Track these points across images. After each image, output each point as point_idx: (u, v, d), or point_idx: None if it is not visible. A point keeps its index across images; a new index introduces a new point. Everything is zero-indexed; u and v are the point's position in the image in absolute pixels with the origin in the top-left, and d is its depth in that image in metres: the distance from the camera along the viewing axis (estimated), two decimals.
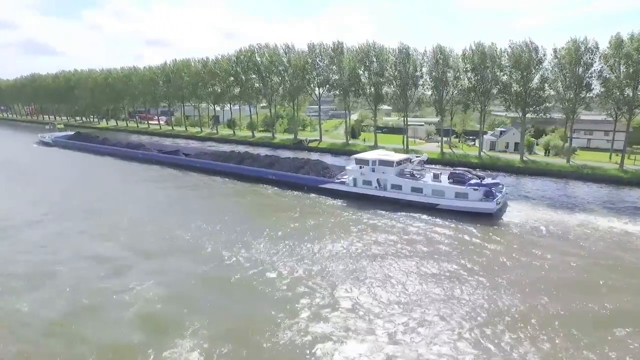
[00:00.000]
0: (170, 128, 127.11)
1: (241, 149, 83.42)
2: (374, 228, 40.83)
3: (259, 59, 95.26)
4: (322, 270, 31.63)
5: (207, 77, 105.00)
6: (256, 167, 62.71)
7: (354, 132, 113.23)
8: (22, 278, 30.41)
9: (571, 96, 61.92)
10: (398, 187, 48.11)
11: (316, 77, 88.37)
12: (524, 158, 71.43)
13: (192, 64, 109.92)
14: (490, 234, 39.47)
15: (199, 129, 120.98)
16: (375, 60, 78.38)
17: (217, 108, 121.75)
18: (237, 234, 38.87)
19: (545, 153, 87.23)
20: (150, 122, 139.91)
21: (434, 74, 71.43)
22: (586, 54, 59.05)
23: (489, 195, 43.94)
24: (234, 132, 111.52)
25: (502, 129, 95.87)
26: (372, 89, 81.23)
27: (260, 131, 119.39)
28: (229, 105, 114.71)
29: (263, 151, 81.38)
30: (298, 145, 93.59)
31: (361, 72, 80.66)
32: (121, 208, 48.10)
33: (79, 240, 38.41)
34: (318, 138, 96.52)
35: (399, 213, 44.80)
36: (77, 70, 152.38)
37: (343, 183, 52.20)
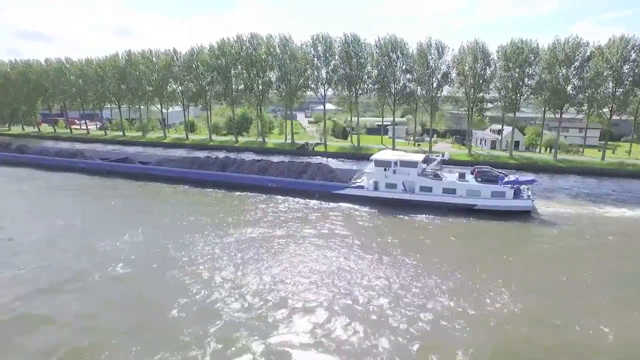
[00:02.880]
0: (102, 133, 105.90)
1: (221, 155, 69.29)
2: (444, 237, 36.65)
3: (251, 50, 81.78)
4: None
5: (181, 71, 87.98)
6: (246, 173, 53.69)
7: (344, 133, 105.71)
8: None
9: (617, 93, 62.37)
10: (428, 189, 44.50)
11: (329, 73, 78.38)
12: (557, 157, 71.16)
13: (154, 56, 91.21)
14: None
15: (159, 135, 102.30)
16: (401, 55, 71.73)
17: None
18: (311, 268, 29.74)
19: (544, 150, 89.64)
20: (72, 126, 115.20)
21: (472, 71, 67.21)
22: (634, 51, 59.74)
23: (517, 193, 43.24)
24: (210, 137, 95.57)
25: (499, 128, 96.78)
26: (396, 86, 74.52)
27: (223, 134, 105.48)
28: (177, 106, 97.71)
29: (250, 157, 69.33)
30: (301, 151, 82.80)
31: (385, 67, 73.24)
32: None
33: None
34: (320, 142, 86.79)
35: (438, 217, 41.51)
36: None
37: (361, 187, 46.98)
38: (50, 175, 61.80)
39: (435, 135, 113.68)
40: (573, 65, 62.41)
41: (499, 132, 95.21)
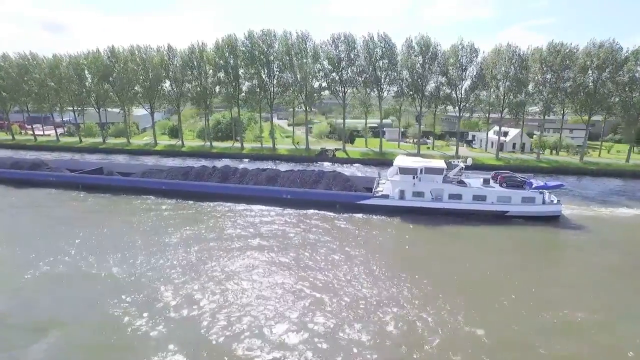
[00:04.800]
0: (76, 140, 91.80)
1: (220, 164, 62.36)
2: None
3: (264, 47, 74.68)
4: None
5: (179, 70, 78.53)
6: (252, 184, 48.66)
7: (351, 137, 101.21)
8: None
9: None
10: (457, 197, 43.24)
11: (353, 74, 73.63)
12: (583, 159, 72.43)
13: (144, 53, 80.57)
14: None
15: (146, 141, 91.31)
16: (434, 56, 69.01)
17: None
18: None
19: (551, 152, 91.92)
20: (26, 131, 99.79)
21: (507, 74, 66.23)
22: None
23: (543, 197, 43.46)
24: (210, 143, 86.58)
25: (504, 130, 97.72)
26: (425, 87, 71.76)
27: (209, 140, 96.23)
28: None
29: (253, 166, 62.79)
30: (320, 158, 77.27)
31: (419, 69, 70.09)
32: None
33: None
34: (340, 147, 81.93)
35: (471, 225, 40.58)
36: None
37: (386, 197, 44.21)
38: (10, 192, 50.85)
39: (432, 138, 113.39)
40: (607, 70, 63.38)
41: (505, 134, 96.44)
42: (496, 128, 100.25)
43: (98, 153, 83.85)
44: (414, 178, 43.51)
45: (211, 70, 78.64)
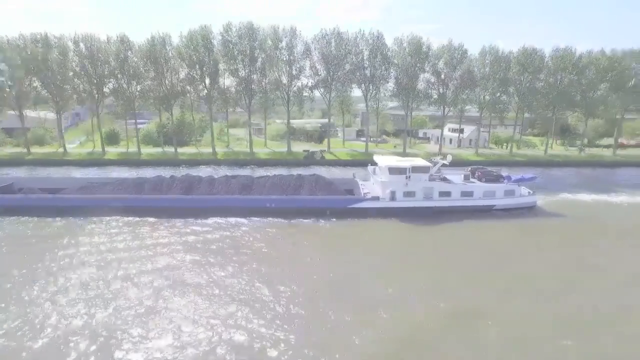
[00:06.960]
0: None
1: (190, 172, 53.66)
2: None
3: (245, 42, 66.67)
4: None
5: (139, 65, 65.77)
6: (222, 194, 43.16)
7: (320, 138, 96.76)
8: None
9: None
10: (447, 194, 43.56)
11: (353, 71, 70.13)
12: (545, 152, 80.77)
13: (91, 43, 65.63)
14: None
15: (88, 150, 74.99)
16: (429, 56, 69.52)
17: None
18: None
19: (502, 146, 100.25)
20: None
21: (497, 76, 70.09)
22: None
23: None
24: (175, 149, 74.72)
25: (461, 127, 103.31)
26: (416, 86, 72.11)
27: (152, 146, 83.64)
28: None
29: (230, 172, 57.66)
30: (309, 160, 72.37)
31: (411, 68, 69.70)
32: None
33: None
34: (325, 149, 77.77)
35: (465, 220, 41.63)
36: None
37: (377, 199, 42.83)
38: None
39: (384, 135, 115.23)
40: (574, 72, 71.25)
41: (462, 131, 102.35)
42: (449, 125, 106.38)
43: (25, 166, 66.25)
44: (406, 178, 42.37)
45: (177, 66, 67.75)
